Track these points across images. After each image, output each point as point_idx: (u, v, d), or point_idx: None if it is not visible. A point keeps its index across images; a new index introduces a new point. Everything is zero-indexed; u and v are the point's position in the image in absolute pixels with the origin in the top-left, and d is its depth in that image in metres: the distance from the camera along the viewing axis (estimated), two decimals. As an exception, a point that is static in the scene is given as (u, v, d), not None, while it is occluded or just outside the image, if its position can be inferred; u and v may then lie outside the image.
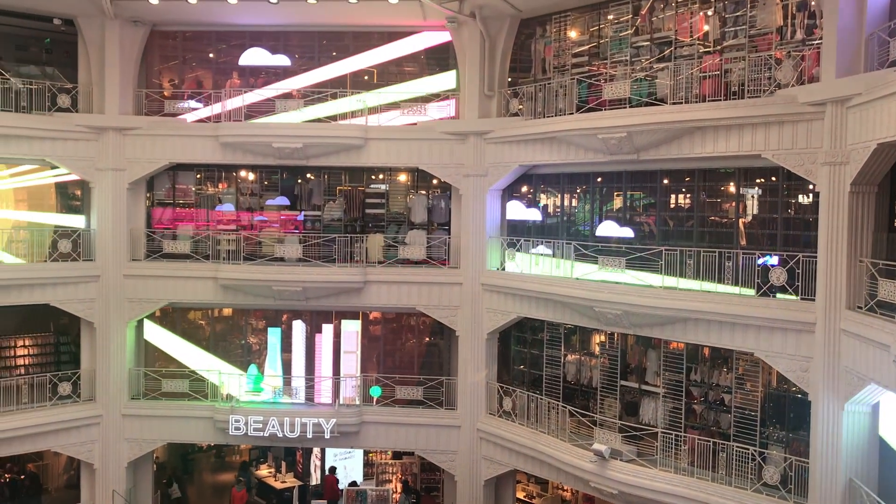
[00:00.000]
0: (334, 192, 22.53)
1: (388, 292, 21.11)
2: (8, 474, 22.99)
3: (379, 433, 21.11)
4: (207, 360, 22.29)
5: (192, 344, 22.48)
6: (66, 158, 21.07)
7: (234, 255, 21.48)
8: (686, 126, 15.77)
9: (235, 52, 22.43)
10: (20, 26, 21.78)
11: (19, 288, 20.48)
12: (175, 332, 22.71)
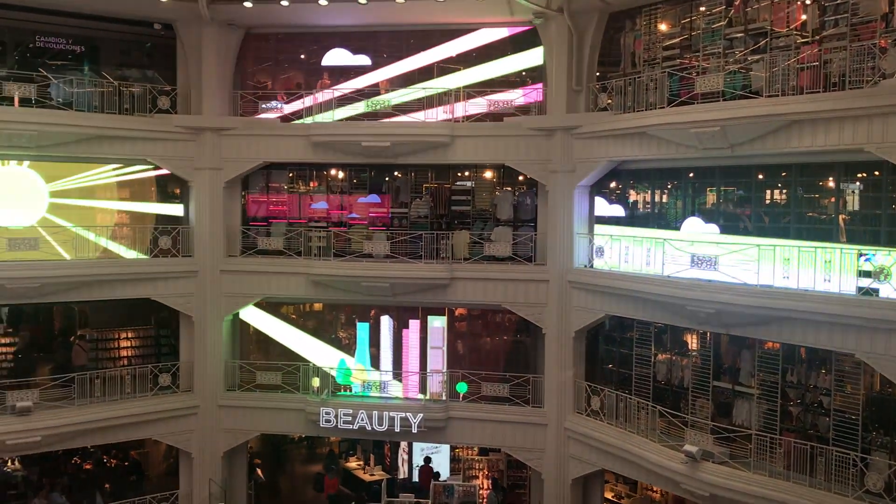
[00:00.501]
0: (421, 190, 22.74)
1: (473, 289, 21.17)
2: (114, 460, 24.13)
3: (465, 429, 21.21)
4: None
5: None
6: (167, 158, 21.93)
7: (324, 252, 21.91)
8: (784, 119, 15.21)
9: (326, 53, 22.88)
10: (123, 32, 22.78)
11: (123, 283, 21.46)
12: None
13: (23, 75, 20.43)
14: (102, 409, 20.80)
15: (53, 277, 20.23)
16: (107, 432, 21.20)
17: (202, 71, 22.04)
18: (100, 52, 22.70)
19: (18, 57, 21.64)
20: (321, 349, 22.74)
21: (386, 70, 22.61)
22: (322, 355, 22.55)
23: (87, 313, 24.33)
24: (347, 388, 22.17)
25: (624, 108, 18.98)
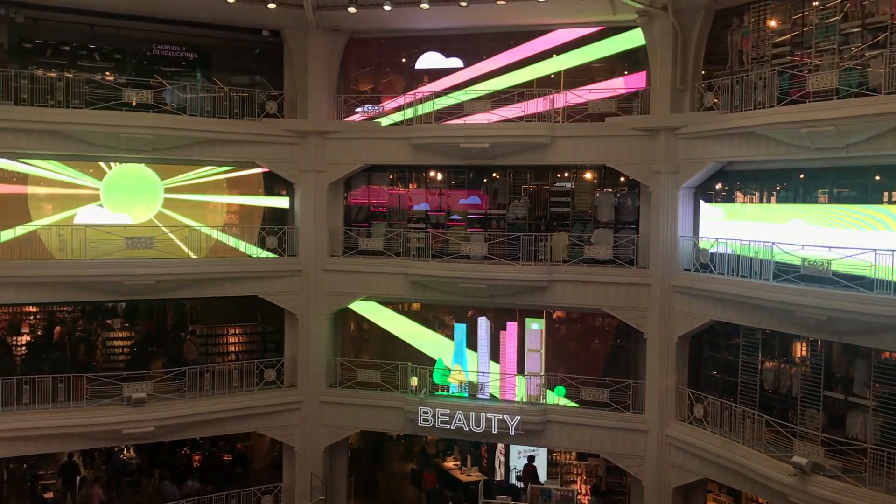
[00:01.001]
0: (519, 191, 22.68)
1: (572, 292, 20.94)
2: (225, 454, 25.07)
3: (563, 433, 21.01)
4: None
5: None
6: (273, 161, 22.63)
7: (423, 253, 22.14)
8: (904, 118, 14.44)
9: (424, 55, 23.11)
10: (233, 39, 23.67)
11: (232, 281, 22.27)
12: (368, 325, 23.86)
13: (140, 82, 21.48)
14: (211, 402, 21.64)
15: (167, 275, 21.16)
16: (215, 424, 22.05)
17: (308, 76, 22.62)
18: (211, 58, 23.64)
19: (136, 64, 22.76)
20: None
21: (483, 72, 22.67)
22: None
23: (197, 309, 25.42)
24: (445, 388, 22.34)
25: (731, 108, 18.39)
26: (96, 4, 20.87)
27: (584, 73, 21.95)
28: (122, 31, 22.48)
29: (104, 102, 20.65)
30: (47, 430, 19.88)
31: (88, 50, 22.17)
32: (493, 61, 22.65)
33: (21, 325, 23.99)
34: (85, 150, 20.54)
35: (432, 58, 23.17)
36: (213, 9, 20.97)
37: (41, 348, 23.08)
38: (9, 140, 19.66)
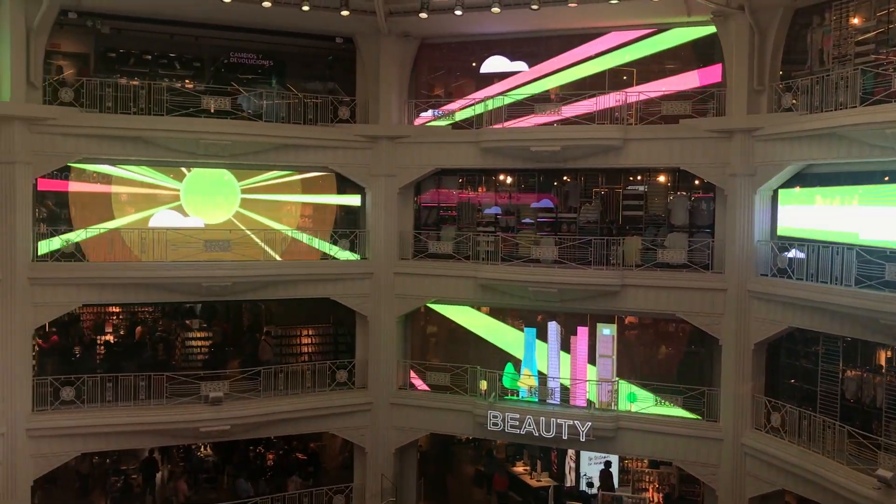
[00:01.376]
0: (591, 194, 22.48)
1: (645, 297, 20.64)
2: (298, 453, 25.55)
3: (636, 440, 20.71)
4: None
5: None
6: (346, 165, 22.97)
7: (492, 256, 22.13)
8: None
9: (494, 59, 23.12)
10: (307, 46, 24.09)
11: (305, 283, 22.66)
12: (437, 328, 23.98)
13: (218, 89, 22.09)
14: (285, 402, 22.07)
15: (243, 277, 21.69)
16: (288, 424, 22.48)
17: (379, 81, 22.88)
18: (286, 65, 24.14)
19: (214, 72, 23.41)
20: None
21: (551, 75, 22.58)
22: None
23: (272, 311, 26.00)
24: (514, 393, 22.29)
25: (810, 109, 17.86)
26: (176, 14, 21.53)
27: (657, 72, 21.60)
28: (201, 39, 23.15)
29: (184, 109, 21.31)
30: (129, 426, 20.60)
31: (169, 59, 22.93)
32: (561, 64, 22.50)
33: (105, 324, 24.94)
34: (166, 155, 21.23)
35: (499, 61, 23.17)
36: (288, 17, 21.38)
37: (123, 347, 23.92)
38: (94, 146, 20.44)
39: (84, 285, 20.43)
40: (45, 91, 20.14)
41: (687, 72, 21.30)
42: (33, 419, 19.82)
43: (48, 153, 19.92)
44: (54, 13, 19.85)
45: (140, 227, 21.69)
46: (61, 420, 20.05)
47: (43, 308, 20.04)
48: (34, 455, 19.83)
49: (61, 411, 20.16)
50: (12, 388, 19.46)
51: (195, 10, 20.92)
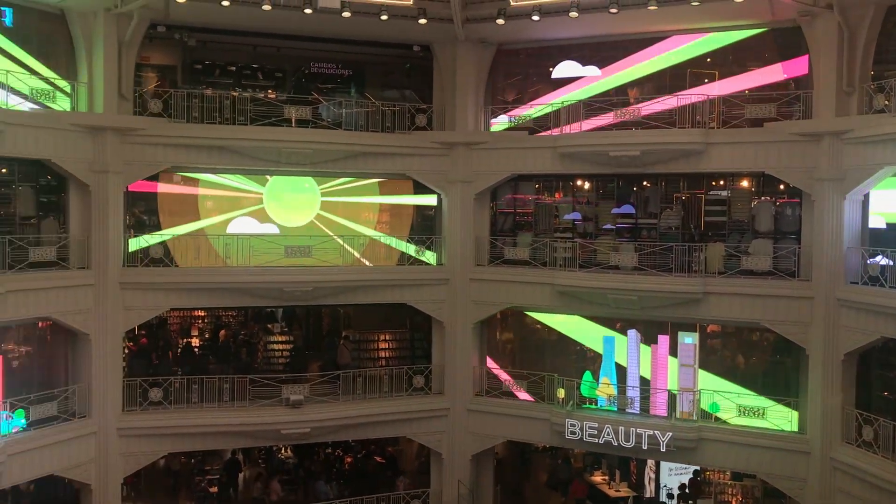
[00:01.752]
0: (671, 200, 22.06)
1: (728, 305, 20.11)
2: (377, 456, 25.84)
3: (718, 451, 20.18)
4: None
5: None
6: (422, 172, 23.14)
7: (570, 263, 21.93)
8: None
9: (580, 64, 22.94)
10: (385, 55, 24.44)
11: (383, 288, 22.92)
12: (513, 334, 23.90)
13: (299, 99, 22.57)
14: (363, 406, 22.35)
15: (323, 282, 22.04)
16: (366, 428, 22.75)
17: (456, 88, 22.99)
18: (364, 74, 24.54)
19: (295, 82, 23.94)
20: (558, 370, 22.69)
21: (628, 78, 22.35)
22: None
23: (350, 315, 26.38)
24: (593, 401, 22.02)
25: (905, 110, 17.15)
26: (260, 26, 22.08)
27: (739, 65, 21.05)
28: (283, 50, 23.72)
29: (266, 119, 21.85)
30: (213, 427, 21.20)
31: (252, 70, 23.58)
32: (635, 67, 22.22)
33: (191, 328, 25.74)
34: (249, 163, 21.80)
35: (571, 66, 22.99)
36: (367, 27, 21.70)
37: (208, 350, 24.64)
38: (182, 155, 21.14)
39: (172, 290, 21.15)
40: (136, 102, 20.94)
41: (771, 64, 20.69)
42: (123, 419, 20.59)
43: (138, 162, 20.70)
44: (144, 27, 20.66)
45: (224, 230, 22.37)
46: (149, 420, 20.79)
47: (133, 312, 20.80)
48: (124, 453, 20.59)
49: (149, 412, 20.90)
50: (104, 388, 20.26)
51: (278, 22, 21.42)
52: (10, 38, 19.22)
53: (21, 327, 19.59)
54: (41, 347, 20.39)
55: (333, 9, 19.95)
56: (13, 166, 19.16)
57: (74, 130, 19.60)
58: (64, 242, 19.76)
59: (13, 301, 18.10)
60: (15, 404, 18.56)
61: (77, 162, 19.68)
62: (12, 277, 18.01)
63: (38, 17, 19.77)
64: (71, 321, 19.67)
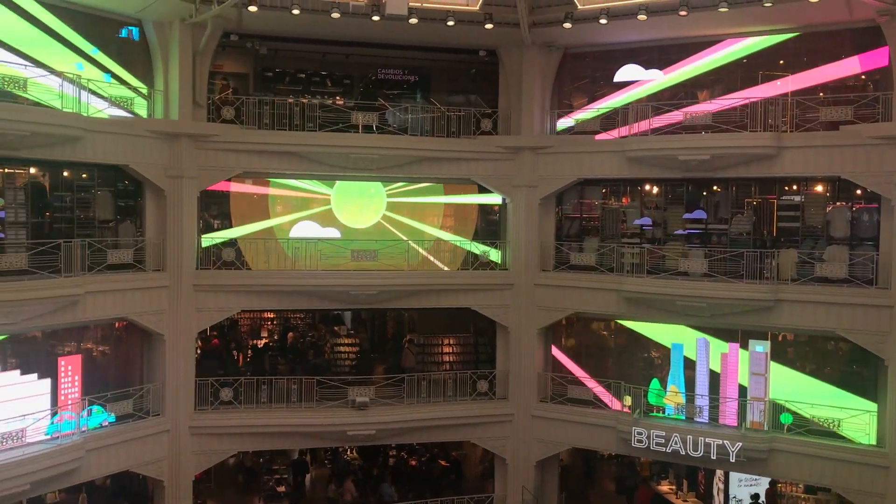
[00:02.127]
0: (742, 205, 21.59)
1: (801, 313, 19.58)
2: (441, 460, 25.93)
3: (790, 463, 19.64)
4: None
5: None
6: (488, 177, 23.16)
7: (637, 269, 21.66)
8: None
9: (643, 67, 22.69)
10: (451, 61, 24.60)
11: (447, 292, 23.00)
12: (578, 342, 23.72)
13: (366, 105, 22.86)
14: (427, 409, 22.45)
15: (388, 286, 22.26)
16: (431, 431, 22.88)
17: (522, 92, 22.94)
18: (430, 80, 24.72)
19: (363, 89, 24.26)
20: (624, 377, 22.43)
21: (697, 81, 22.02)
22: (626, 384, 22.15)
23: (415, 319, 26.55)
24: (660, 409, 21.68)
25: None
26: (329, 34, 22.41)
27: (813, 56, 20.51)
28: (351, 57, 24.08)
29: (334, 125, 22.19)
30: (282, 427, 21.61)
31: (321, 77, 24.04)
32: (700, 69, 21.90)
33: (260, 329, 26.28)
34: (317, 168, 22.17)
35: (640, 69, 22.75)
36: (433, 32, 21.84)
37: (277, 351, 25.11)
38: (253, 161, 21.63)
39: (243, 292, 21.64)
40: (209, 109, 21.50)
41: (846, 64, 20.10)
42: (195, 417, 21.14)
43: (211, 167, 21.24)
44: (218, 36, 21.20)
45: (292, 229, 22.89)
46: (220, 419, 21.29)
47: (205, 313, 21.34)
48: (195, 451, 21.13)
49: (220, 411, 21.40)
50: (177, 388, 20.84)
51: (346, 30, 21.73)
52: (100, 49, 19.99)
53: (99, 327, 20.30)
54: (117, 347, 21.09)
55: (400, 15, 20.13)
56: (93, 171, 19.87)
57: (151, 137, 20.26)
58: (140, 245, 20.43)
59: (92, 302, 18.80)
60: (93, 401, 19.25)
61: (153, 167, 20.34)
62: (91, 279, 18.65)
63: (118, 27, 20.45)
64: (146, 322, 20.31)
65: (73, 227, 19.24)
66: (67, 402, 18.67)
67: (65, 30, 19.21)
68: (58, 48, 19.07)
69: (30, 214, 18.46)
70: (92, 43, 19.77)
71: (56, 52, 19.00)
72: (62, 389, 18.67)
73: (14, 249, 17.63)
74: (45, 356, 18.83)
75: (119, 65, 20.36)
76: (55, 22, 19.01)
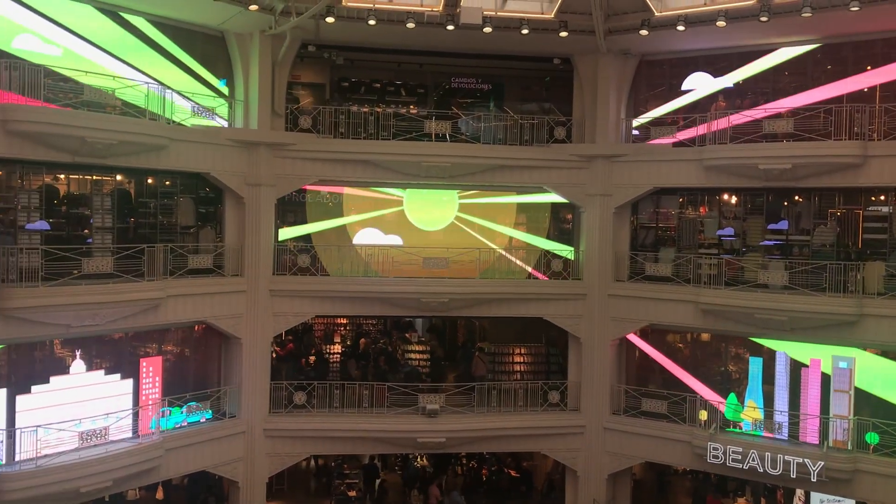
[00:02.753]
0: (825, 215, 20.86)
1: (889, 328, 18.76)
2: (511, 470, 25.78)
3: (877, 484, 18.78)
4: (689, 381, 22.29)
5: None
6: (561, 185, 23.00)
7: (714, 280, 21.14)
8: None
9: (721, 75, 22.22)
10: (525, 69, 24.59)
11: (518, 301, 22.90)
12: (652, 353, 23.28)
13: (440, 114, 22.99)
14: (498, 419, 22.38)
15: (459, 293, 22.28)
16: (501, 441, 22.78)
17: (597, 100, 22.72)
18: (504, 88, 24.72)
19: (437, 98, 24.41)
20: (701, 391, 21.91)
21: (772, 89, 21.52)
22: (703, 398, 21.64)
23: (486, 327, 26.49)
24: (738, 425, 21.08)
25: None
26: (404, 44, 22.63)
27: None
28: (425, 66, 24.33)
29: (408, 133, 22.38)
30: (353, 432, 21.87)
31: (395, 86, 24.33)
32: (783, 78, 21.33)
33: (333, 335, 26.64)
34: (391, 176, 22.42)
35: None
36: (507, 41, 21.83)
37: (349, 357, 25.40)
38: (328, 169, 22.00)
39: (317, 297, 21.99)
40: (287, 119, 21.95)
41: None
42: (269, 420, 21.54)
43: (289, 175, 21.71)
44: (296, 47, 21.68)
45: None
46: (293, 423, 21.64)
47: (281, 318, 21.78)
48: (269, 453, 21.54)
49: (293, 414, 21.75)
50: (253, 391, 21.30)
51: (421, 39, 21.92)
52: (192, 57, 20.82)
53: (178, 330, 20.90)
54: (196, 349, 21.68)
55: (475, 24, 20.20)
56: (176, 179, 20.52)
57: (231, 145, 20.83)
58: (220, 251, 20.98)
59: (173, 305, 19.39)
60: (172, 402, 19.83)
61: (233, 175, 20.89)
62: (172, 283, 19.24)
63: (203, 39, 21.14)
64: (224, 325, 20.83)
65: (157, 232, 19.93)
66: (148, 401, 19.27)
67: (158, 35, 20.11)
68: (149, 53, 19.96)
69: (115, 220, 19.16)
70: (185, 52, 20.64)
71: (146, 57, 19.90)
72: (143, 389, 19.30)
73: (100, 254, 18.31)
74: (127, 357, 19.50)
75: (206, 72, 21.06)
76: (148, 27, 19.97)
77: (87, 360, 18.50)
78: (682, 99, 22.76)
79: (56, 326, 17.29)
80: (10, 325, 16.45)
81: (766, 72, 21.65)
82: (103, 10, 19.01)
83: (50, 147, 17.10)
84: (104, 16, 19.07)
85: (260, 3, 19.56)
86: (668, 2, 20.73)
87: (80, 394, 18.02)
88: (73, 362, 18.22)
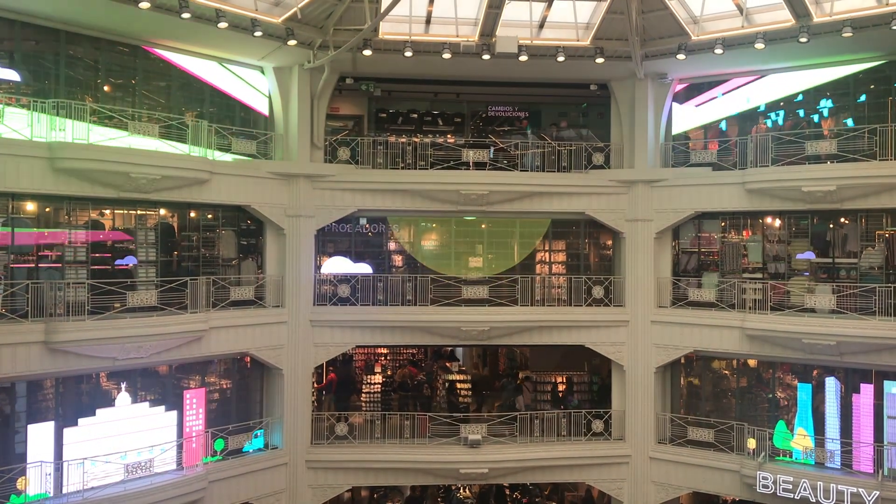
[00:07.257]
0: (873, 237, 20.38)
1: (942, 351, 18.24)
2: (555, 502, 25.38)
3: (937, 516, 18.19)
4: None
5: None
6: (601, 211, 22.83)
7: (760, 305, 20.73)
8: None
9: (762, 97, 21.99)
10: (561, 95, 24.54)
11: (560, 329, 22.68)
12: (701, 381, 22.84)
13: (477, 142, 23.05)
14: (541, 449, 22.08)
15: (500, 322, 22.13)
16: (545, 471, 22.46)
17: (635, 124, 22.60)
18: (541, 115, 24.70)
19: (474, 126, 24.48)
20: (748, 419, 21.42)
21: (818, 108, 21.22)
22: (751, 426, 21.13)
23: (527, 356, 26.25)
24: (787, 454, 20.53)
25: None
26: (440, 74, 22.80)
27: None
28: (462, 96, 24.43)
29: (445, 162, 22.46)
30: (395, 463, 21.71)
31: (433, 116, 24.44)
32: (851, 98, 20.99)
33: (374, 365, 26.62)
34: (430, 205, 22.44)
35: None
36: (543, 69, 21.85)
37: (389, 387, 25.35)
38: (368, 199, 22.16)
39: (357, 327, 22.02)
40: (326, 150, 22.18)
41: None
42: (311, 451, 21.53)
43: (328, 206, 21.91)
44: (334, 80, 21.99)
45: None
46: (335, 454, 21.61)
47: (322, 348, 21.86)
48: (311, 485, 21.51)
49: (335, 445, 21.73)
50: (295, 421, 21.33)
51: (457, 69, 22.05)
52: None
53: (221, 361, 21.06)
54: (239, 381, 21.79)
55: (510, 53, 20.26)
56: (217, 212, 20.82)
57: (271, 178, 21.09)
58: (261, 282, 21.17)
59: (216, 337, 19.61)
60: (215, 434, 19.94)
61: (273, 207, 21.14)
62: (215, 315, 19.47)
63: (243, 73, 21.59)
64: (266, 356, 20.95)
65: (199, 265, 20.22)
66: (192, 433, 19.40)
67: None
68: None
69: (159, 253, 19.48)
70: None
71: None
72: (187, 421, 19.44)
73: (145, 287, 18.62)
74: (171, 389, 19.70)
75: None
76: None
77: (132, 392, 18.73)
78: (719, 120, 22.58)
79: (102, 359, 17.57)
80: (57, 358, 16.77)
81: (810, 91, 21.39)
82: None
83: (96, 183, 17.51)
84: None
85: (299, 38, 19.91)
86: (706, 25, 20.63)
87: (125, 426, 18.24)
88: (118, 395, 18.47)
